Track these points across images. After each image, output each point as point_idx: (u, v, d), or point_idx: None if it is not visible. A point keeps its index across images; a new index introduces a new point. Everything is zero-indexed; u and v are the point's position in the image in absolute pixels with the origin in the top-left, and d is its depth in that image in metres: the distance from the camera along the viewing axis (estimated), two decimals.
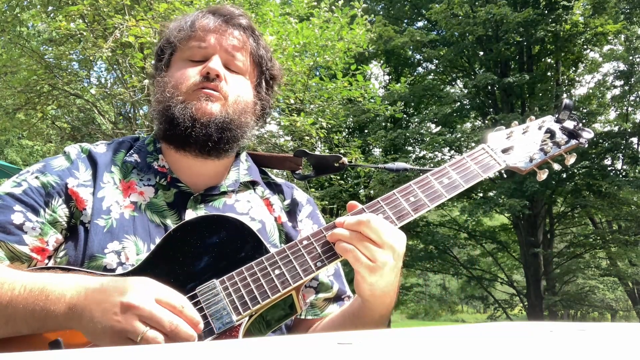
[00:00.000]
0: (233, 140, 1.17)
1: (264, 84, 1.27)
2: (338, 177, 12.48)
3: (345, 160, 1.30)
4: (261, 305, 0.96)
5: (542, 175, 1.18)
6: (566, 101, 1.21)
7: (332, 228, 1.04)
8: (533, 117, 1.26)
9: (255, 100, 1.24)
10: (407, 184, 1.10)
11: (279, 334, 1.18)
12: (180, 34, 1.19)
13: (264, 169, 1.36)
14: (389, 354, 0.41)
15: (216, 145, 1.15)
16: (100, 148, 1.20)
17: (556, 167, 1.20)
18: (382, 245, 0.97)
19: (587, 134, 1.19)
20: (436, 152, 17.48)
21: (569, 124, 1.20)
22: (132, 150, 1.21)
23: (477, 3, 16.01)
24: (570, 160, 1.19)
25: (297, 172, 1.33)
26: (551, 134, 1.19)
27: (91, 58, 6.86)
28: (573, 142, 1.20)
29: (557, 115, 1.22)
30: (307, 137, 7.67)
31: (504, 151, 1.18)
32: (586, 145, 1.22)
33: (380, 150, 18.38)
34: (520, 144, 1.19)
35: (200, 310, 0.95)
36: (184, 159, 1.18)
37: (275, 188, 1.31)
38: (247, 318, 0.96)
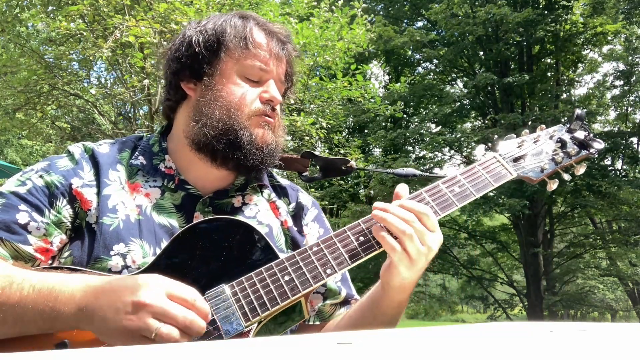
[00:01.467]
0: (274, 162, 1.19)
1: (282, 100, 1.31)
2: (338, 177, 12.46)
3: (353, 163, 1.29)
4: (270, 312, 0.95)
5: (553, 186, 1.18)
6: (578, 111, 1.21)
7: (342, 234, 1.04)
8: (544, 126, 1.26)
9: (282, 117, 1.26)
10: (419, 192, 1.09)
11: None
12: (240, 44, 1.16)
13: (270, 170, 1.34)
14: (389, 354, 0.41)
15: (262, 169, 1.17)
16: (103, 148, 1.19)
17: (566, 177, 1.20)
18: (433, 239, 1.02)
19: (598, 145, 1.19)
20: (436, 152, 17.49)
21: (580, 134, 1.20)
22: (137, 152, 1.19)
23: (476, 3, 16.03)
24: (580, 170, 1.19)
25: (303, 173, 1.32)
26: (562, 143, 1.19)
27: (91, 58, 6.86)
28: (584, 152, 1.19)
29: (568, 125, 1.22)
30: (307, 137, 7.67)
31: (515, 160, 1.17)
32: (596, 156, 1.22)
33: (380, 150, 18.40)
34: (531, 153, 1.19)
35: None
36: (201, 163, 1.17)
37: (281, 191, 1.30)
38: (255, 324, 0.95)
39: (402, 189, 1.08)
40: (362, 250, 1.02)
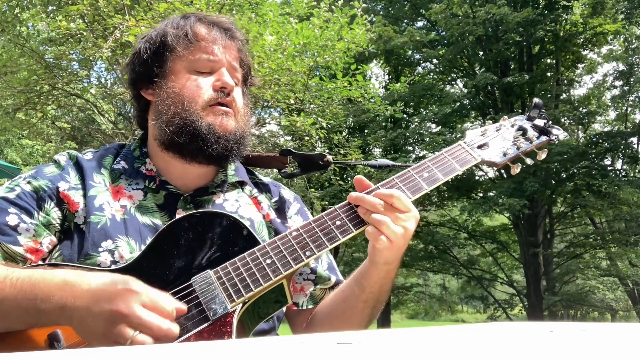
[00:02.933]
0: (244, 150, 1.23)
1: (245, 89, 1.34)
2: (338, 178, 12.49)
3: (329, 157, 1.36)
4: (254, 293, 0.99)
5: (516, 169, 1.25)
6: (536, 100, 1.29)
7: (319, 220, 1.08)
8: (506, 117, 1.34)
9: (246, 105, 1.29)
10: (390, 179, 1.16)
11: (271, 324, 1.22)
12: (183, 41, 1.21)
13: (251, 168, 1.40)
14: (389, 354, 0.41)
15: (230, 157, 1.21)
16: (87, 155, 1.24)
17: (528, 161, 1.27)
18: (407, 219, 1.07)
19: (556, 131, 1.28)
20: (436, 152, 17.47)
21: (539, 122, 1.28)
22: (119, 158, 1.24)
23: (476, 3, 16.03)
24: (542, 155, 1.26)
25: (283, 170, 1.37)
26: (523, 131, 1.27)
27: (91, 58, 6.86)
28: (544, 138, 1.28)
29: (528, 114, 1.31)
30: (307, 137, 7.67)
31: (480, 147, 1.26)
32: (556, 142, 1.30)
33: (380, 150, 18.39)
34: (494, 141, 1.28)
35: (195, 298, 0.98)
36: (176, 162, 1.21)
37: (263, 187, 1.36)
38: (240, 305, 0.99)
39: (359, 179, 1.14)
40: (340, 233, 1.07)
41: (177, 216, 1.16)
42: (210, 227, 1.06)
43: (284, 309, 1.21)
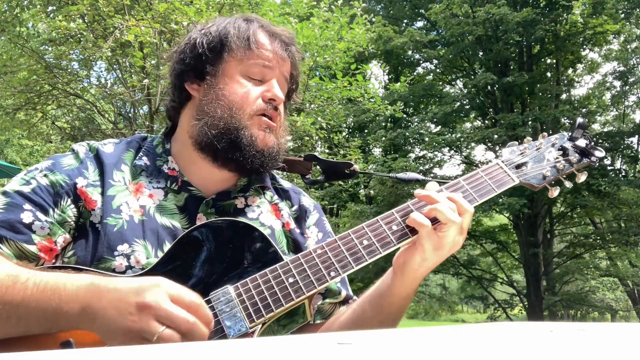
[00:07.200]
0: (276, 166, 1.21)
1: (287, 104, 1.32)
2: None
3: (356, 167, 1.30)
4: (274, 314, 0.96)
5: (554, 192, 1.20)
6: (580, 120, 1.23)
7: (346, 237, 1.05)
8: (546, 134, 1.28)
9: (286, 120, 1.27)
10: None
11: None
12: (243, 45, 1.17)
13: (272, 172, 1.35)
14: (389, 354, 0.41)
15: (262, 172, 1.20)
16: (108, 147, 1.19)
17: (567, 184, 1.21)
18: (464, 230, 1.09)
19: (599, 153, 1.21)
20: (436, 152, 17.48)
21: (582, 143, 1.22)
22: (141, 153, 1.19)
23: (476, 3, 16.02)
24: (582, 178, 1.20)
25: (306, 176, 1.32)
26: (564, 151, 1.22)
27: (91, 58, 6.86)
28: (585, 160, 1.22)
29: (570, 134, 1.25)
30: (307, 137, 7.67)
31: (518, 167, 1.20)
32: (597, 164, 1.24)
33: (380, 150, 18.39)
34: (533, 161, 1.21)
35: (214, 316, 0.95)
36: (204, 164, 1.17)
37: (283, 194, 1.31)
38: (260, 325, 0.96)
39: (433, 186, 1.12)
40: (367, 254, 1.03)
41: (198, 221, 1.12)
42: (232, 237, 1.02)
43: None
